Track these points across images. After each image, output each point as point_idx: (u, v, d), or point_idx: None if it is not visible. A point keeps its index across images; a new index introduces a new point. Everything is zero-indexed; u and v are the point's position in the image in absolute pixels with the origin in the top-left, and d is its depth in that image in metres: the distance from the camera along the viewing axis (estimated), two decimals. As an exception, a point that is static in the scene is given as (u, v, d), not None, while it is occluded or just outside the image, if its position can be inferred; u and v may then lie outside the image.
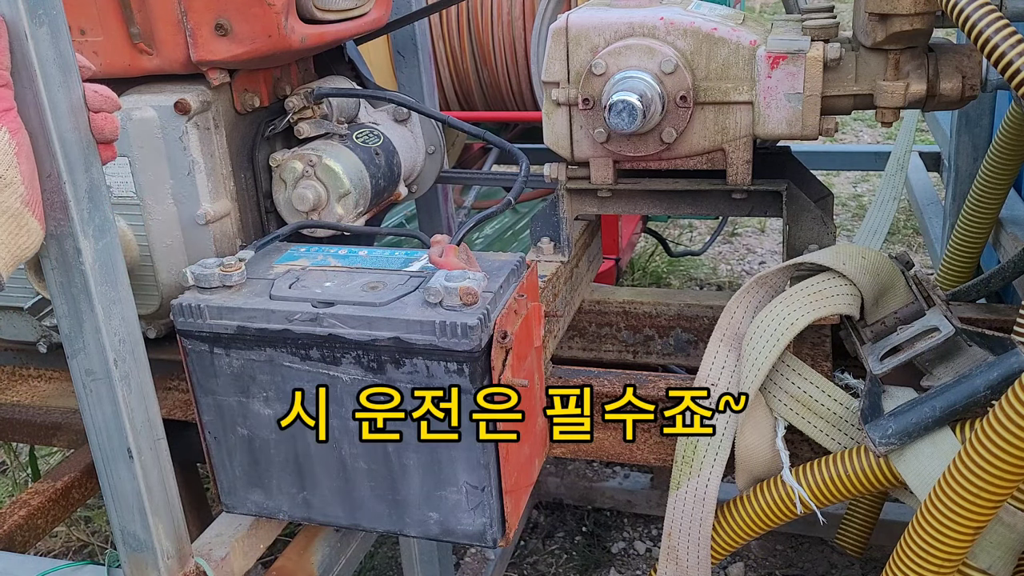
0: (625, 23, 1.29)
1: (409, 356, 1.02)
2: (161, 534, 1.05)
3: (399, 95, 1.53)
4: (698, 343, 1.68)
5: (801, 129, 1.28)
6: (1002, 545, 1.05)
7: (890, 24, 1.17)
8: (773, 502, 1.16)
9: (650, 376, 1.33)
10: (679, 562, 1.21)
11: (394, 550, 2.52)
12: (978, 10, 0.98)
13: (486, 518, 1.09)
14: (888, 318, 1.22)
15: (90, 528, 2.72)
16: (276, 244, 1.23)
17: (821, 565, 2.44)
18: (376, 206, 1.46)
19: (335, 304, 1.04)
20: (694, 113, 1.30)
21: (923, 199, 2.76)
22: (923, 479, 1.05)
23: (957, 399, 1.04)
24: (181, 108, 1.19)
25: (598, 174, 1.40)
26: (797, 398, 1.17)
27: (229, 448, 1.15)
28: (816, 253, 1.23)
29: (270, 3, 1.19)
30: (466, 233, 1.19)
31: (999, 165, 1.83)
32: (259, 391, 1.09)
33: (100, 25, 1.21)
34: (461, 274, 1.02)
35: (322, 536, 1.35)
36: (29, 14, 0.83)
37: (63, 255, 0.92)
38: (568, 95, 1.34)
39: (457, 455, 1.06)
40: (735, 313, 1.23)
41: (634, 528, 2.63)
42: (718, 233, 3.36)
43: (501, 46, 2.90)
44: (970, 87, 1.24)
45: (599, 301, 1.73)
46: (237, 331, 1.06)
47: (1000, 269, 1.56)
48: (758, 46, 1.27)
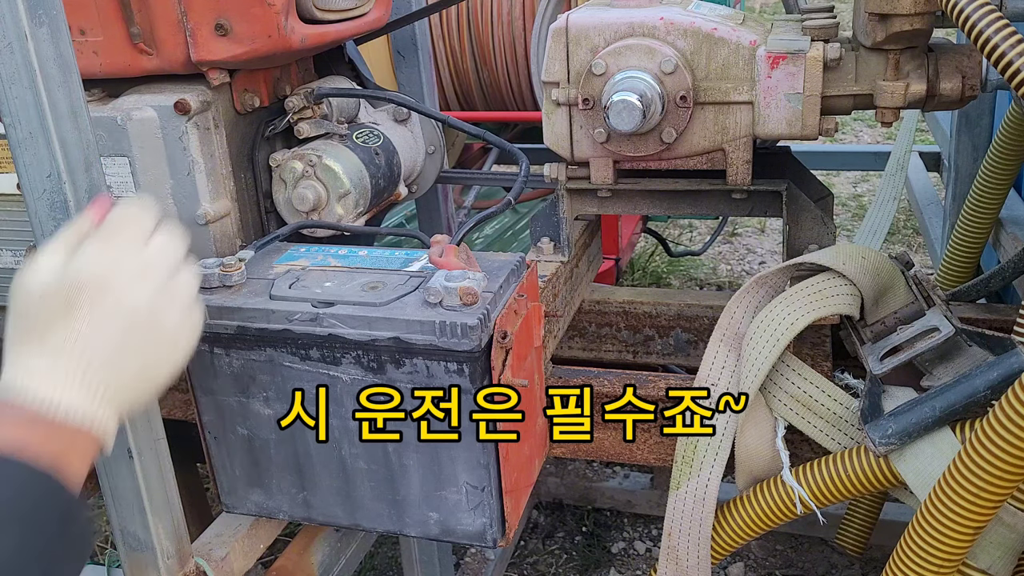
0: (625, 23, 1.29)
1: (409, 356, 1.02)
2: (161, 534, 1.05)
3: (399, 95, 1.53)
4: (698, 343, 1.68)
5: (801, 129, 1.28)
6: (1002, 545, 1.05)
7: (890, 24, 1.17)
8: (773, 502, 1.16)
9: (650, 376, 1.33)
10: (679, 562, 1.21)
11: (394, 550, 2.52)
12: (978, 10, 0.98)
13: (486, 518, 1.09)
14: (888, 318, 1.22)
15: (90, 528, 2.71)
16: (276, 244, 1.23)
17: (821, 565, 2.44)
18: (376, 206, 1.46)
19: (335, 304, 1.04)
20: (694, 113, 1.30)
21: (923, 199, 2.76)
22: (923, 479, 1.05)
23: (957, 399, 1.04)
24: (181, 108, 1.19)
25: (598, 174, 1.40)
26: (797, 398, 1.17)
27: (229, 448, 1.15)
28: (816, 253, 1.23)
29: (270, 3, 1.19)
30: (466, 233, 1.19)
31: (999, 165, 1.83)
32: (259, 391, 1.10)
33: (100, 25, 1.21)
34: (461, 274, 1.02)
35: (322, 536, 1.35)
36: (29, 14, 0.83)
37: (63, 255, 0.91)
38: (568, 95, 1.34)
39: (457, 455, 1.06)
40: (735, 313, 1.23)
41: (634, 528, 2.63)
42: (718, 233, 3.36)
43: (501, 46, 2.90)
44: (970, 87, 1.24)
45: (599, 301, 1.73)
46: (237, 331, 1.06)
47: (1000, 269, 1.56)
48: (758, 46, 1.27)
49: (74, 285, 0.77)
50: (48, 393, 0.73)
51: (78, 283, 0.77)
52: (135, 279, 0.80)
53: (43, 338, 0.75)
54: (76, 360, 0.75)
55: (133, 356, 0.78)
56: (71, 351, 0.75)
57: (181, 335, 0.83)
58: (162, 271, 0.82)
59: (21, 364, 0.75)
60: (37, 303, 0.76)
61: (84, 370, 0.75)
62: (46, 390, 0.73)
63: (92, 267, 0.78)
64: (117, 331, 0.77)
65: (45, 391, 0.73)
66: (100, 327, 0.76)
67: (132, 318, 0.78)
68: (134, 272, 0.80)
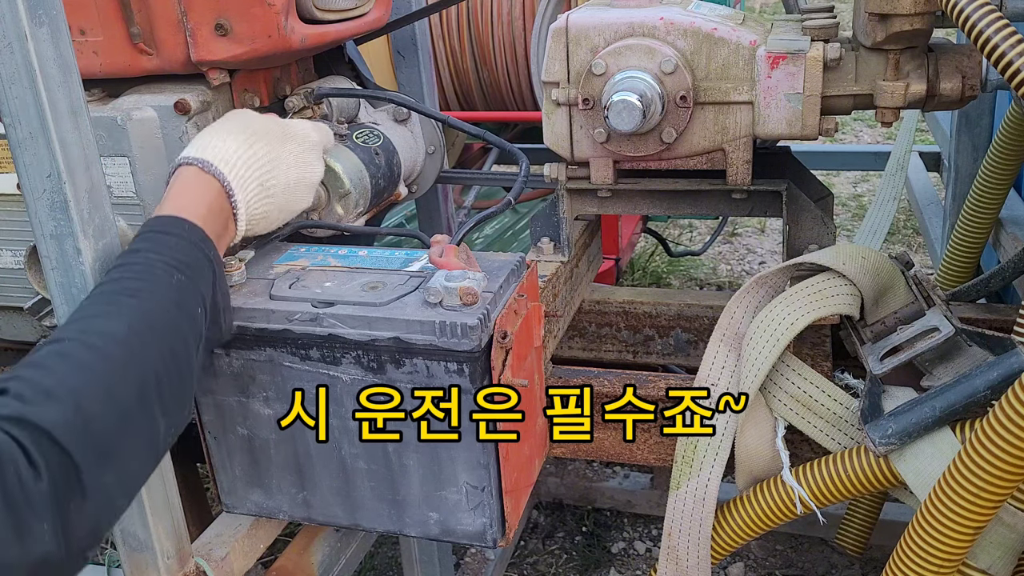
0: (625, 23, 1.29)
1: (409, 356, 1.02)
2: (161, 534, 1.05)
3: (399, 95, 1.53)
4: (698, 343, 1.68)
5: (801, 129, 1.28)
6: (1002, 545, 1.05)
7: (890, 24, 1.17)
8: (773, 502, 1.16)
9: (650, 376, 1.33)
10: (679, 562, 1.21)
11: (394, 550, 2.52)
12: (978, 10, 0.98)
13: (486, 518, 1.09)
14: (888, 318, 1.22)
15: (90, 528, 2.71)
16: (276, 244, 1.23)
17: (821, 565, 2.44)
18: (376, 206, 1.46)
19: (335, 304, 1.04)
20: (694, 113, 1.30)
21: (923, 199, 2.76)
22: (923, 479, 1.05)
23: (957, 399, 1.04)
24: (181, 108, 1.19)
25: (598, 174, 1.40)
26: (797, 398, 1.17)
27: (229, 448, 1.15)
28: (816, 253, 1.23)
29: (270, 3, 1.19)
30: (466, 233, 1.19)
31: (999, 165, 1.83)
32: (259, 391, 1.10)
33: (100, 25, 1.21)
34: (461, 274, 1.02)
35: (322, 536, 1.35)
36: (29, 14, 0.83)
37: (63, 255, 0.92)
38: (568, 95, 1.34)
39: (457, 455, 1.06)
40: (735, 313, 1.23)
41: (634, 528, 2.63)
42: (718, 233, 3.36)
43: (501, 46, 2.90)
44: (970, 87, 1.24)
45: (599, 301, 1.73)
46: (237, 331, 1.06)
47: (1000, 269, 1.56)
48: (758, 46, 1.27)
49: (279, 128, 1.13)
50: (222, 167, 1.02)
51: (284, 130, 1.14)
52: (302, 151, 1.15)
53: (231, 139, 1.06)
54: (247, 164, 1.05)
55: (276, 181, 1.10)
56: (246, 159, 1.05)
57: (303, 185, 1.16)
58: (315, 154, 1.19)
59: (214, 145, 1.04)
60: (253, 122, 1.11)
61: (246, 168, 1.05)
62: (221, 164, 1.03)
63: (295, 128, 1.17)
64: (276, 166, 1.09)
65: (220, 164, 1.03)
66: (270, 156, 1.09)
67: (286, 168, 1.11)
68: (304, 148, 1.16)
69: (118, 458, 0.79)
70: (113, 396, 0.79)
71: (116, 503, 0.81)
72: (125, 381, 0.81)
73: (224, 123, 1.10)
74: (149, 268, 0.90)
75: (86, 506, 0.74)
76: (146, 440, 0.83)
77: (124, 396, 0.80)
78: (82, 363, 0.79)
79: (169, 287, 0.89)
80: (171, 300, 0.89)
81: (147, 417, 0.83)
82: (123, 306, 0.86)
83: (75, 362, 0.79)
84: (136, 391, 0.81)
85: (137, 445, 0.82)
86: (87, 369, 0.79)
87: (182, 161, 1.03)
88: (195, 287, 0.92)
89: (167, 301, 0.88)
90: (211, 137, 1.05)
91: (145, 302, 0.87)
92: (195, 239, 0.95)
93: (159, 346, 0.85)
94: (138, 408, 0.81)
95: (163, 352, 0.85)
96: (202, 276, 0.94)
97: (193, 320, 0.91)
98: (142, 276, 0.89)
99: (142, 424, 0.82)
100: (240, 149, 1.05)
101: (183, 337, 0.89)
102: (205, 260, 0.95)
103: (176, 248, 0.93)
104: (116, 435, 0.79)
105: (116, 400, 0.79)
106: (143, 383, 0.82)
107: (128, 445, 0.80)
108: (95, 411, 0.77)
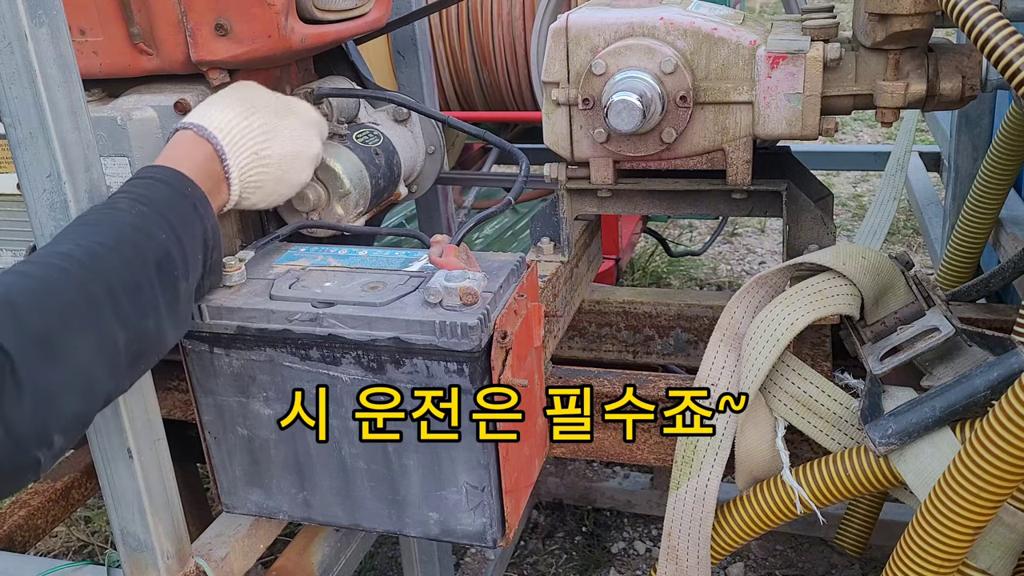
0: (625, 23, 1.29)
1: (409, 356, 1.02)
2: (161, 534, 1.05)
3: (399, 95, 1.53)
4: (698, 343, 1.68)
5: (801, 129, 1.28)
6: (1002, 545, 1.05)
7: (890, 24, 1.17)
8: (773, 502, 1.16)
9: (650, 376, 1.33)
10: (679, 562, 1.21)
11: (394, 550, 2.52)
12: (978, 10, 0.98)
13: (486, 518, 1.09)
14: (888, 318, 1.22)
15: (90, 528, 2.72)
16: (276, 244, 1.23)
17: (821, 565, 2.44)
18: (376, 206, 1.46)
19: (335, 304, 1.04)
20: (694, 113, 1.30)
21: (923, 199, 2.76)
22: (923, 479, 1.05)
23: (957, 399, 1.04)
24: (181, 108, 1.19)
25: (598, 174, 1.40)
26: (797, 398, 1.17)
27: (229, 448, 1.15)
28: (816, 253, 1.23)
29: (270, 3, 1.19)
30: (466, 233, 1.19)
31: (999, 165, 1.83)
32: (259, 391, 1.10)
33: (100, 25, 1.21)
34: (461, 274, 1.02)
35: (322, 536, 1.35)
36: (29, 14, 0.83)
37: (63, 255, 0.91)
38: (568, 95, 1.34)
39: (457, 455, 1.06)
40: (735, 313, 1.23)
41: (634, 528, 2.63)
42: (718, 233, 3.36)
43: (501, 46, 2.90)
44: (970, 87, 1.24)
45: (599, 301, 1.73)
46: (237, 331, 1.06)
47: (1000, 269, 1.56)
48: (758, 46, 1.27)
49: (280, 103, 1.19)
50: (216, 133, 1.07)
51: (286, 105, 1.20)
52: (301, 126, 1.20)
53: (230, 108, 1.11)
54: (243, 133, 1.10)
55: (272, 152, 1.14)
56: (242, 127, 1.10)
57: (300, 159, 1.20)
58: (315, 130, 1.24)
59: (212, 114, 1.09)
60: (255, 95, 1.17)
61: (242, 137, 1.10)
62: (216, 130, 1.07)
63: (298, 104, 1.23)
64: (272, 137, 1.14)
65: (215, 130, 1.07)
66: (266, 127, 1.14)
67: (282, 141, 1.16)
68: (303, 123, 1.21)
69: (61, 354, 0.79)
70: (53, 293, 0.80)
71: (62, 401, 0.80)
72: (67, 283, 0.81)
73: (227, 94, 1.15)
74: (111, 203, 0.93)
75: (24, 399, 0.75)
76: (96, 342, 0.83)
77: (67, 295, 0.81)
78: (20, 272, 0.81)
79: (129, 214, 0.91)
80: (127, 223, 0.90)
81: (97, 319, 0.83)
82: (71, 233, 0.89)
83: (13, 272, 0.81)
84: (81, 294, 0.82)
85: (86, 344, 0.81)
86: (24, 275, 0.81)
87: (179, 126, 1.08)
88: (160, 216, 0.93)
89: (123, 224, 0.90)
90: (211, 107, 1.11)
91: (99, 227, 0.89)
92: (168, 178, 0.98)
93: (110, 258, 0.86)
94: (86, 309, 0.82)
95: (115, 264, 0.86)
96: (173, 208, 0.96)
97: (153, 240, 0.91)
98: (101, 210, 0.92)
99: (91, 324, 0.82)
100: (237, 119, 1.10)
101: (141, 255, 0.89)
102: (179, 196, 0.98)
103: (144, 187, 0.96)
104: (58, 331, 0.79)
105: (56, 296, 0.80)
106: (89, 288, 0.82)
107: (73, 342, 0.80)
108: (30, 304, 0.78)
